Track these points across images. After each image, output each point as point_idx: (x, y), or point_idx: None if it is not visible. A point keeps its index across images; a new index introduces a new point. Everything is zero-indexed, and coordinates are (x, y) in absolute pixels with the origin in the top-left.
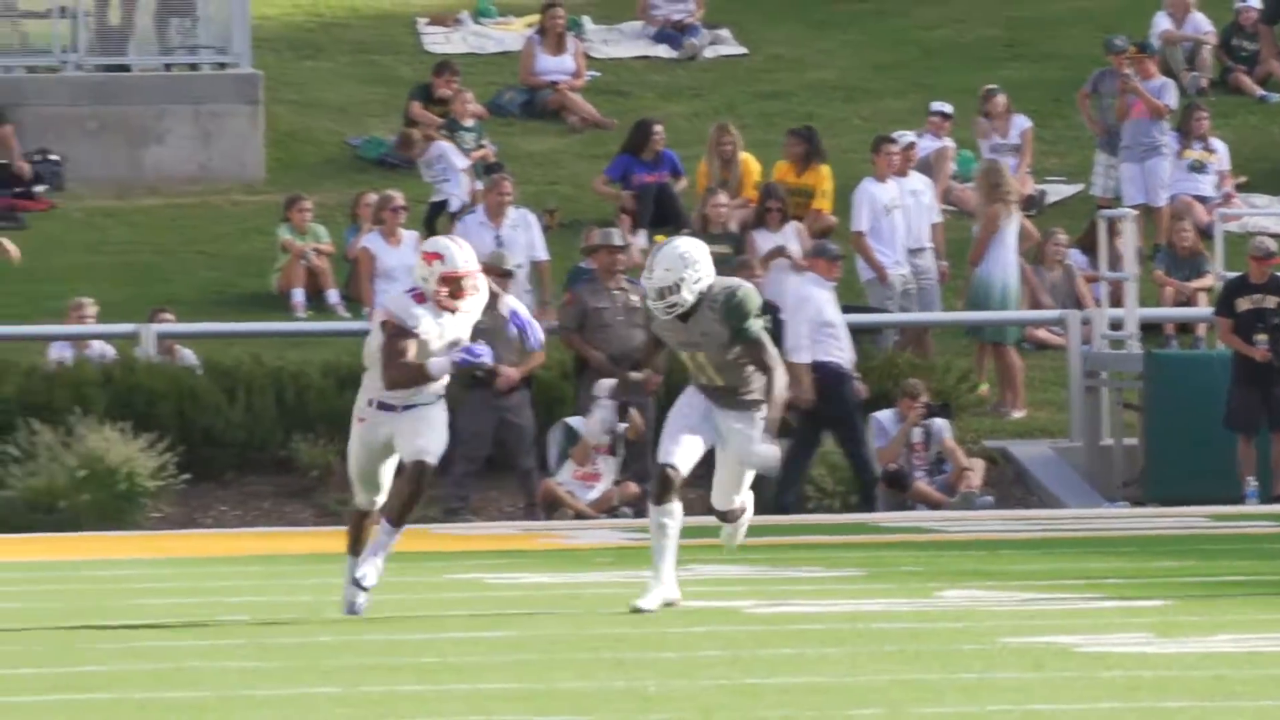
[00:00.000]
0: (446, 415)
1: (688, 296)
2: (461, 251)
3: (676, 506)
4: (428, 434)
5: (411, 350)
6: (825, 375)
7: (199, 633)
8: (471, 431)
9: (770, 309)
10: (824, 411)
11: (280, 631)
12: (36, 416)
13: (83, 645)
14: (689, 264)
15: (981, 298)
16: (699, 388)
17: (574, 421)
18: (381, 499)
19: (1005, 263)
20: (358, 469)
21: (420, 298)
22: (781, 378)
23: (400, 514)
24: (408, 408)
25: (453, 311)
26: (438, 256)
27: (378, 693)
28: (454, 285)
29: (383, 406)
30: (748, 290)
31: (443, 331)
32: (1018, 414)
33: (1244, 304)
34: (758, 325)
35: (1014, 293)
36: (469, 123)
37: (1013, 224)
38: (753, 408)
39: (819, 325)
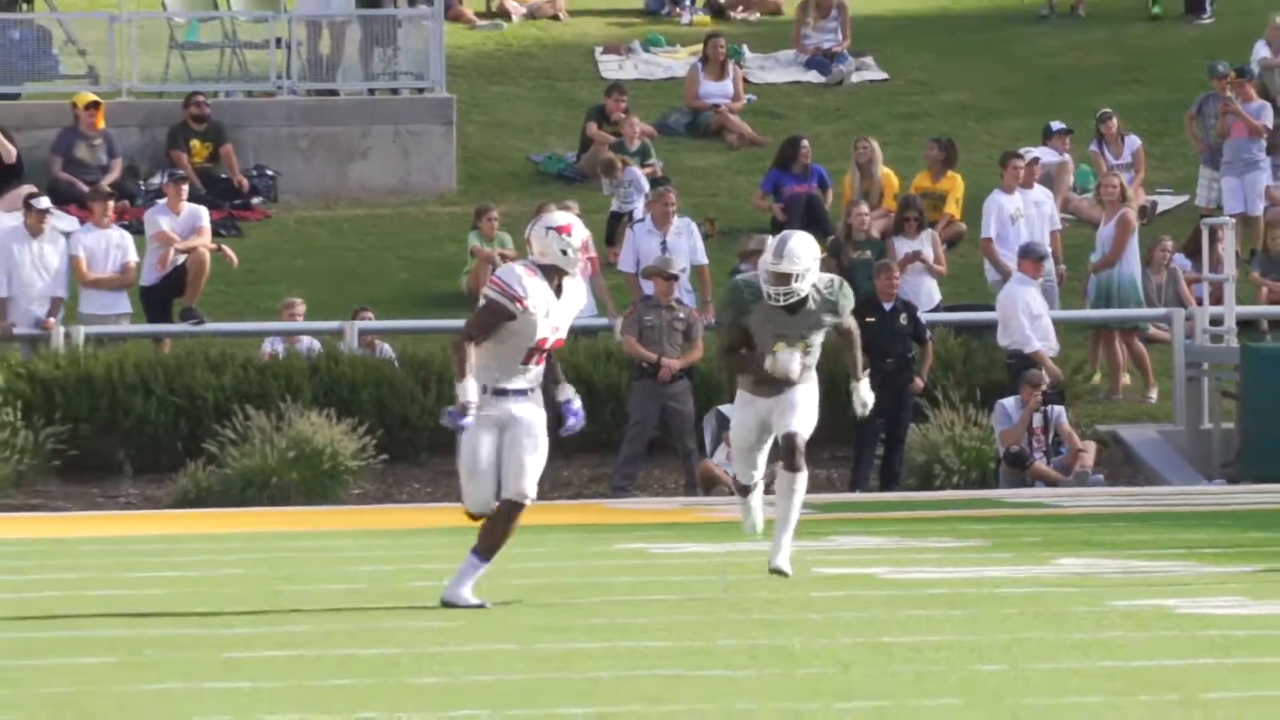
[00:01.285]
0: (547, 444)
1: (804, 288)
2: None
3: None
4: (533, 470)
5: (493, 331)
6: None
7: (394, 597)
8: (639, 416)
9: (908, 307)
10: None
11: None
12: (251, 404)
13: (290, 607)
14: (814, 259)
15: (1115, 292)
16: (753, 390)
17: (726, 409)
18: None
19: (1134, 262)
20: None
21: (533, 271)
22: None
23: (490, 550)
24: (519, 393)
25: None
26: (568, 229)
27: (552, 650)
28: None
29: (498, 393)
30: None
31: (550, 309)
32: (1152, 396)
33: None
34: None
35: (1140, 287)
36: (635, 144)
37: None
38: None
39: (1032, 318)
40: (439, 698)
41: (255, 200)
